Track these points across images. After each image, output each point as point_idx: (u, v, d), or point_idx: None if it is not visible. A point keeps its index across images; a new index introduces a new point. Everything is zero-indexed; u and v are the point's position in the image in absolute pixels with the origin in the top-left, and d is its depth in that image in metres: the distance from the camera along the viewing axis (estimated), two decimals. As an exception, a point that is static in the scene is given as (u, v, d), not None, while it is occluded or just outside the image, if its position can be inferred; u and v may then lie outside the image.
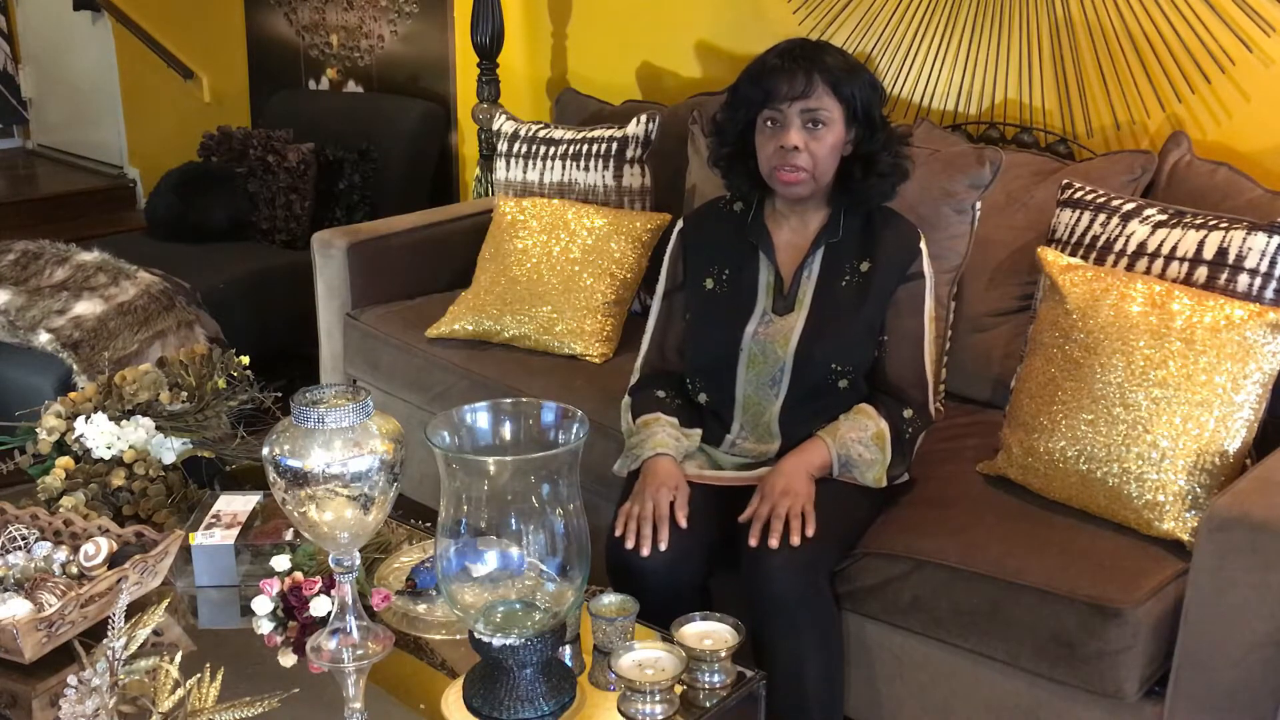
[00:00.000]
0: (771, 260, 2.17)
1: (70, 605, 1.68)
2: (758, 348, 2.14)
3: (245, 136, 4.11)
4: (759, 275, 2.17)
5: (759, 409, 2.15)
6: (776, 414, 2.14)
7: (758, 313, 2.15)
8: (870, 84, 2.10)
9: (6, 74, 6.37)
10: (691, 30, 3.34)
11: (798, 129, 2.05)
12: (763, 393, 2.15)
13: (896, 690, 2.12)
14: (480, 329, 2.86)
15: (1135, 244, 2.16)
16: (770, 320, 2.14)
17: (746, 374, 2.15)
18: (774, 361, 2.13)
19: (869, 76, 2.11)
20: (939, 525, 2.07)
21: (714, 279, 2.20)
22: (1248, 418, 1.95)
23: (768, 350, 2.13)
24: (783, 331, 2.13)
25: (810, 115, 2.05)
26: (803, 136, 2.05)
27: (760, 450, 2.16)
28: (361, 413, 1.55)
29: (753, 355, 2.14)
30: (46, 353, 3.13)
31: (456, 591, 1.54)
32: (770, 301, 2.16)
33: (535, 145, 3.07)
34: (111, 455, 2.10)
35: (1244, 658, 1.76)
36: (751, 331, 2.14)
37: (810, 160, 2.06)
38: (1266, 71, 2.39)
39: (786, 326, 2.13)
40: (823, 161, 2.08)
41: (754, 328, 2.14)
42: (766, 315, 2.15)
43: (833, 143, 2.07)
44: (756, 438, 2.17)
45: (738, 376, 2.15)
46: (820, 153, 2.07)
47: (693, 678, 1.62)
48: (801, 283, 2.15)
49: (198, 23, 5.05)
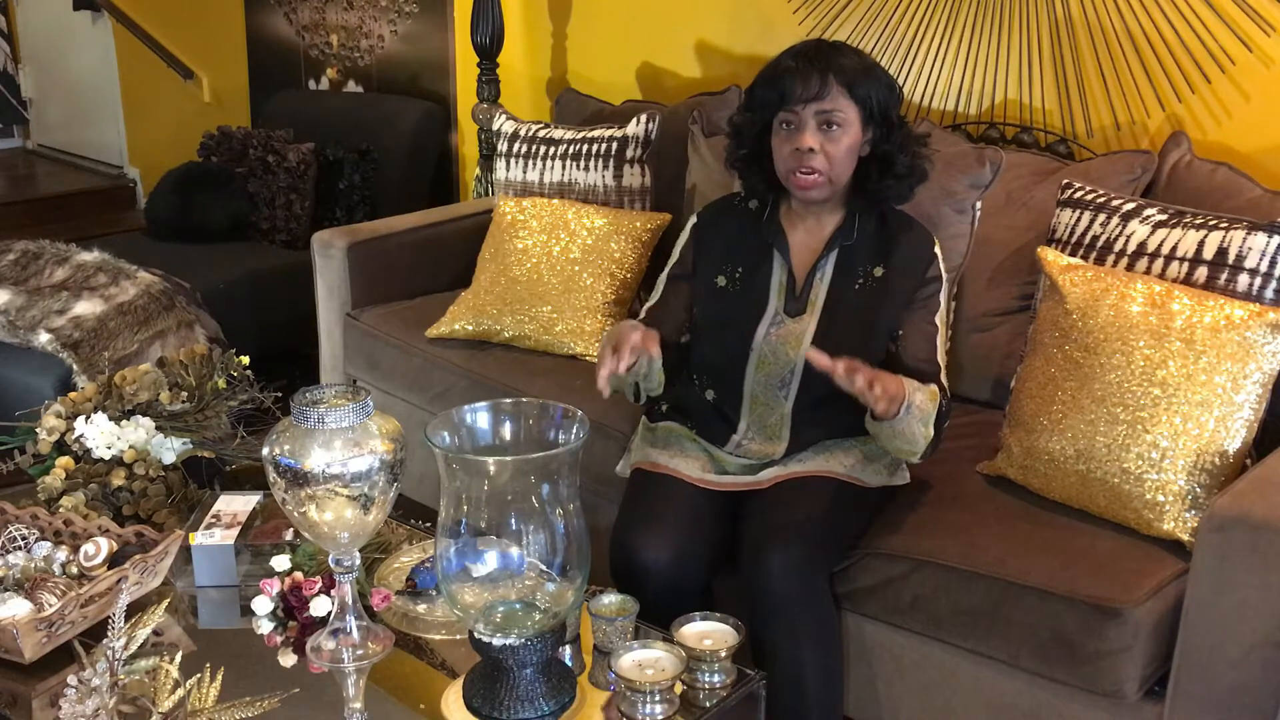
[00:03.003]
0: (786, 260, 2.16)
1: (70, 605, 1.68)
2: (769, 349, 2.12)
3: (245, 136, 4.11)
4: (772, 275, 2.16)
5: (767, 409, 2.14)
6: (787, 415, 2.13)
7: (769, 313, 2.14)
8: (887, 84, 2.09)
9: (6, 74, 6.37)
10: (691, 30, 3.34)
11: (813, 131, 2.04)
12: (771, 394, 2.14)
13: (896, 690, 2.12)
14: (480, 329, 2.86)
15: (1135, 244, 2.16)
16: (782, 322, 2.13)
17: (756, 374, 2.14)
18: (784, 364, 2.12)
19: (885, 77, 2.10)
20: (939, 525, 2.07)
21: (726, 276, 2.18)
22: (1248, 418, 1.95)
23: (779, 352, 2.12)
24: (794, 334, 2.11)
25: (825, 117, 2.04)
26: (818, 138, 2.04)
27: (766, 451, 2.15)
28: (361, 413, 1.56)
29: (763, 357, 2.13)
30: (46, 353, 3.13)
31: (456, 591, 1.54)
32: (782, 303, 2.14)
33: (535, 145, 3.07)
34: (111, 455, 2.10)
35: (1244, 658, 1.76)
36: (763, 333, 2.13)
37: (826, 162, 2.05)
38: (1266, 71, 2.39)
39: (799, 329, 2.12)
40: (839, 163, 2.07)
41: (765, 329, 2.13)
42: (778, 316, 2.14)
43: (848, 144, 2.06)
44: (764, 438, 2.15)
45: (746, 376, 2.14)
46: (836, 154, 2.05)
47: (693, 678, 1.62)
48: (814, 285, 2.13)
49: (198, 23, 5.05)
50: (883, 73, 2.10)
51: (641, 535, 2.02)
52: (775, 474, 2.11)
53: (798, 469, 2.10)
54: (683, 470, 2.14)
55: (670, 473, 2.14)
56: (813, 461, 2.11)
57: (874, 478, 2.12)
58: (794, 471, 2.10)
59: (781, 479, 2.10)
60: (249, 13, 4.76)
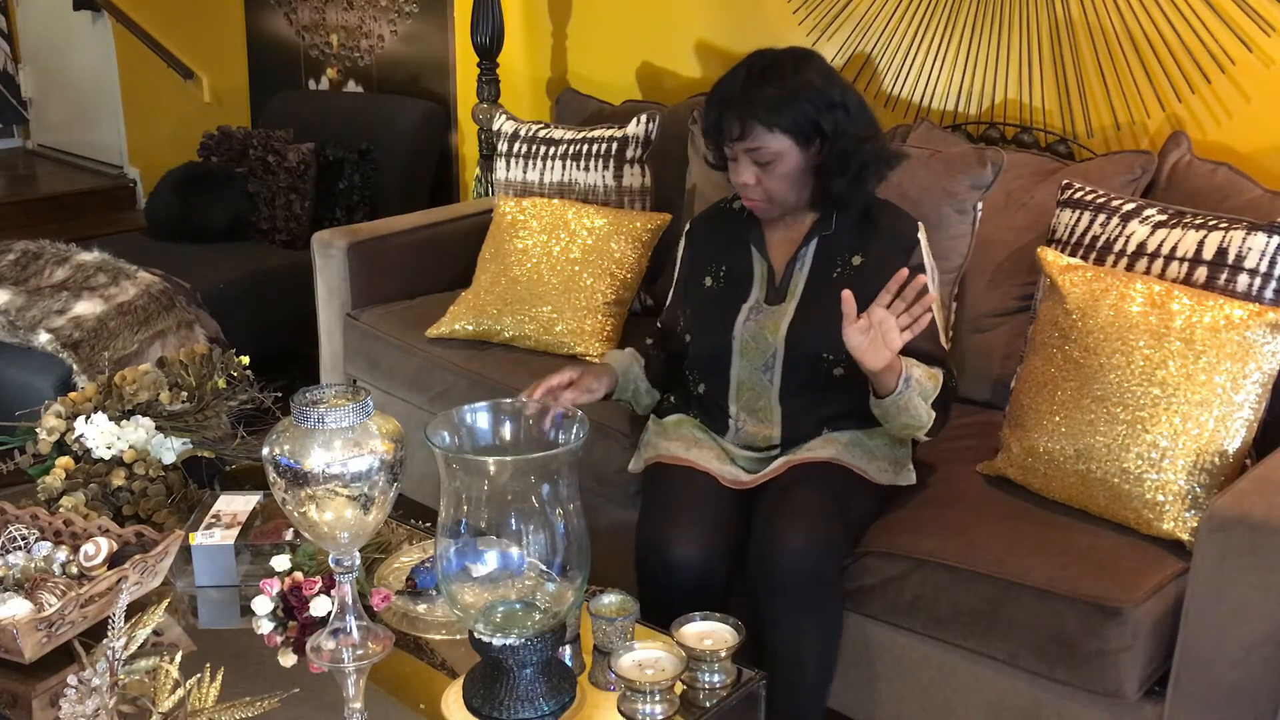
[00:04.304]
0: (763, 254, 2.21)
1: (70, 605, 1.68)
2: (749, 335, 2.17)
3: (245, 136, 4.11)
4: (754, 269, 2.21)
5: (754, 394, 2.18)
6: (774, 400, 2.16)
7: (750, 302, 2.19)
8: (817, 101, 2.06)
9: (6, 74, 6.37)
10: (691, 30, 3.34)
11: (747, 166, 2.10)
12: (757, 378, 2.17)
13: (896, 690, 2.12)
14: (480, 329, 2.86)
15: (1135, 244, 2.16)
16: (762, 309, 2.18)
17: (740, 361, 2.18)
18: (766, 348, 2.15)
19: (814, 91, 2.06)
20: (939, 525, 2.07)
21: (712, 276, 2.26)
22: (1247, 417, 1.95)
23: (759, 337, 2.16)
24: (773, 318, 2.16)
25: (754, 155, 2.08)
26: (753, 172, 2.09)
27: (764, 433, 2.18)
28: (361, 413, 1.55)
29: (744, 343, 2.17)
30: (46, 353, 3.13)
31: (456, 591, 1.54)
32: (763, 292, 2.20)
33: (535, 145, 3.07)
34: (111, 455, 2.10)
35: (1244, 658, 1.76)
36: (743, 320, 2.18)
37: (764, 193, 2.11)
38: (1266, 71, 2.39)
39: (778, 314, 2.16)
40: (779, 192, 2.11)
41: (745, 316, 2.18)
42: (758, 305, 2.19)
43: (784, 173, 2.09)
44: (756, 420, 2.19)
45: (732, 363, 2.19)
46: (774, 185, 2.10)
47: (693, 678, 1.62)
48: (794, 274, 2.18)
49: (198, 23, 5.05)
50: (815, 86, 2.07)
51: (670, 531, 2.03)
52: (785, 461, 2.13)
53: (806, 455, 2.12)
54: (699, 461, 2.16)
55: (688, 464, 2.16)
56: (821, 450, 2.12)
57: (879, 475, 2.13)
58: (803, 458, 2.12)
59: (793, 464, 2.12)
60: (249, 13, 4.76)
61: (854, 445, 2.13)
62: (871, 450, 2.14)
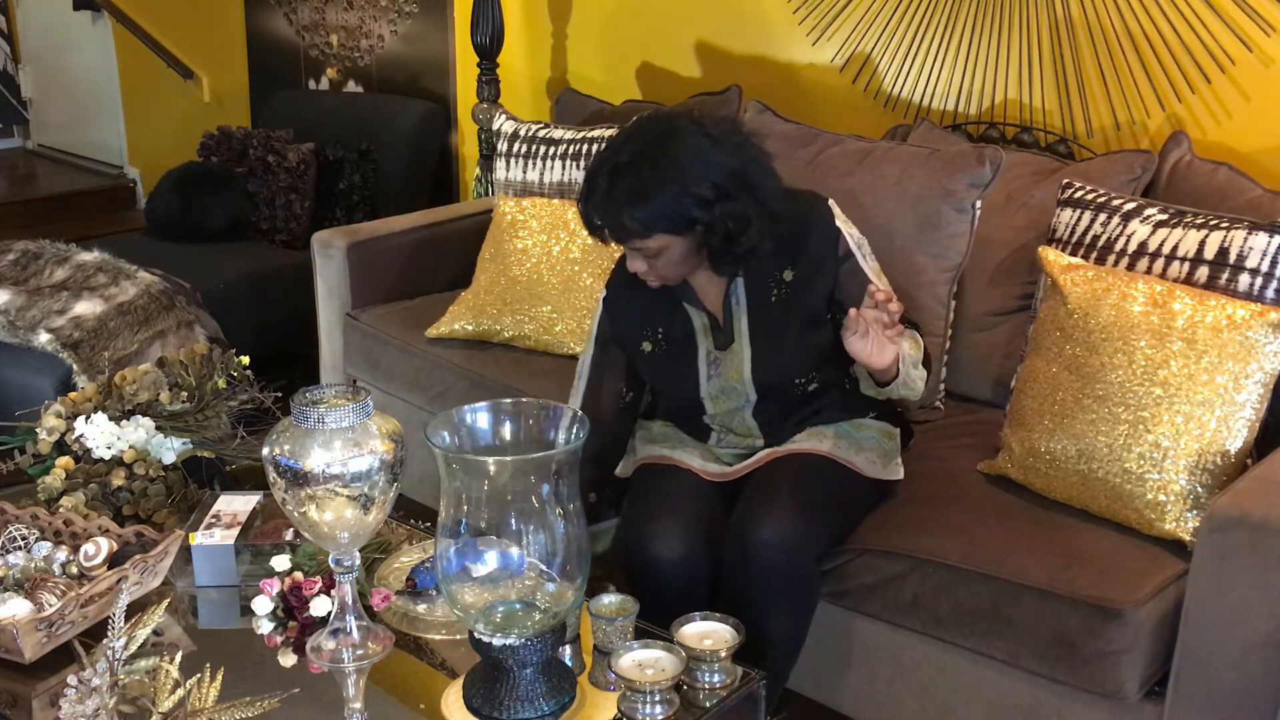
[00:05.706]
0: (698, 306, 2.15)
1: (70, 605, 1.68)
2: (717, 390, 2.16)
3: (245, 136, 4.11)
4: (693, 323, 2.15)
5: (729, 417, 2.19)
6: (751, 419, 2.17)
7: (703, 358, 2.15)
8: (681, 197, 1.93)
9: (6, 74, 6.37)
10: (691, 30, 3.34)
11: (636, 258, 2.05)
12: (733, 413, 2.18)
13: (896, 690, 2.12)
14: (480, 329, 2.86)
15: (1136, 244, 2.16)
16: (717, 360, 2.15)
17: (714, 409, 2.18)
18: (737, 395, 2.15)
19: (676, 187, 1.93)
20: (939, 524, 2.07)
21: (650, 341, 2.18)
22: (1249, 417, 1.95)
23: (727, 388, 2.15)
24: (734, 365, 2.14)
25: (639, 251, 2.03)
26: (643, 262, 2.04)
27: (746, 442, 2.20)
28: (361, 413, 1.55)
29: (714, 397, 2.16)
30: (46, 353, 3.13)
31: (456, 591, 1.54)
32: (711, 340, 2.15)
33: (535, 145, 3.07)
34: (111, 455, 2.10)
35: (1244, 658, 1.76)
36: (705, 378, 2.15)
37: (660, 276, 2.06)
38: (1266, 71, 2.39)
39: (736, 360, 2.13)
40: (675, 274, 2.07)
41: (705, 374, 2.15)
42: (712, 356, 2.15)
43: (671, 259, 2.02)
44: (738, 435, 2.21)
45: (706, 414, 2.19)
46: (667, 270, 2.05)
47: (693, 678, 1.62)
48: (734, 313, 2.13)
49: (198, 23, 5.05)
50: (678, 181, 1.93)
51: (653, 529, 2.04)
52: (769, 452, 2.14)
53: (790, 447, 2.13)
54: (685, 460, 2.16)
55: (675, 463, 2.16)
56: (806, 443, 2.13)
57: (868, 467, 2.13)
58: (787, 449, 2.13)
59: (777, 455, 2.12)
60: (249, 13, 4.76)
61: (840, 437, 2.14)
62: (859, 442, 2.15)
